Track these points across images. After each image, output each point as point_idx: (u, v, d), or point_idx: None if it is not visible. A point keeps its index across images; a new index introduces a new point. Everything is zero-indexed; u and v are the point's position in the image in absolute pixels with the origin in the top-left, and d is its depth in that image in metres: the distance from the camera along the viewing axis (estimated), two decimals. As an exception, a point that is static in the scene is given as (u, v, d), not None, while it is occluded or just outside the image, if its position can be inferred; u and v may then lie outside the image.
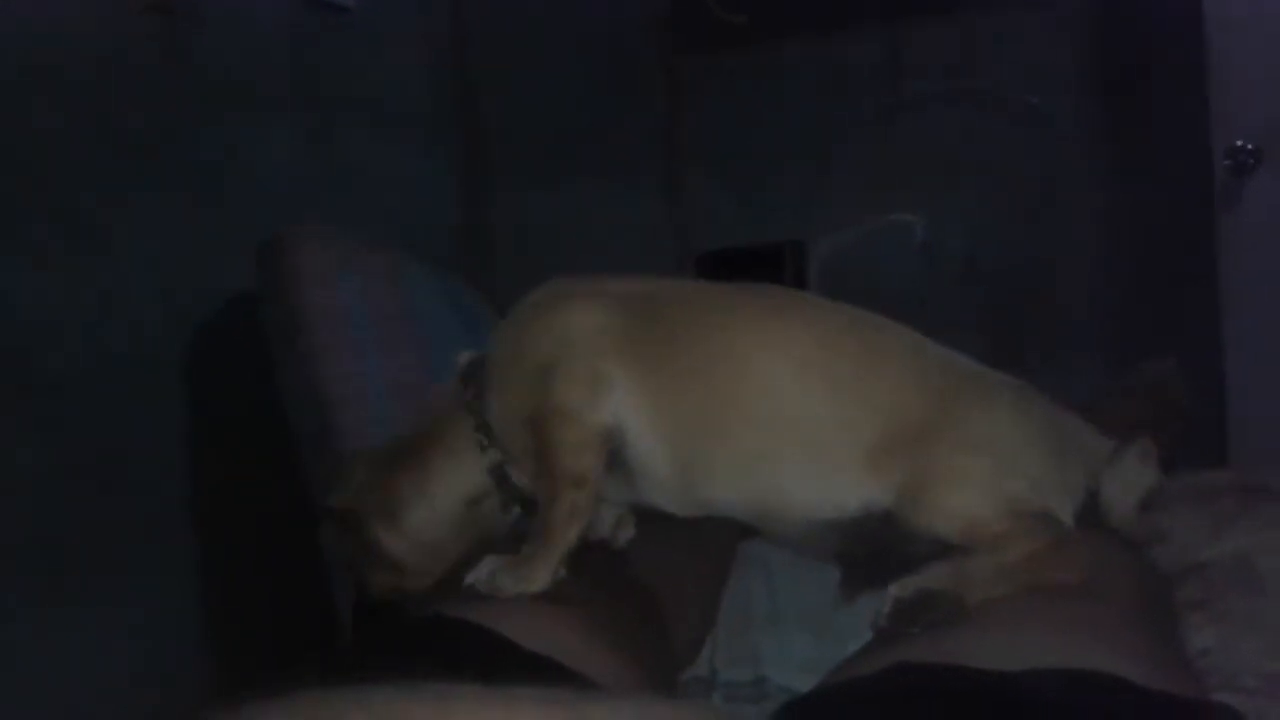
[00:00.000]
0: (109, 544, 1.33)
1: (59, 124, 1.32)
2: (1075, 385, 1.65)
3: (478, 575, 0.85)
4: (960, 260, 2.06)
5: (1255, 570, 1.03)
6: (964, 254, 2.06)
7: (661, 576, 0.97)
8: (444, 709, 0.28)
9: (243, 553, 1.51)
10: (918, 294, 1.94)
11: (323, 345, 1.32)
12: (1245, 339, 1.82)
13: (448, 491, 0.92)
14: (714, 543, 1.12)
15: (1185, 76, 1.86)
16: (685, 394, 0.87)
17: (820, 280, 2.01)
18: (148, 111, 1.44)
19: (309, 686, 0.30)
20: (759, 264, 2.00)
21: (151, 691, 1.35)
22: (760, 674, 1.07)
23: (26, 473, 1.25)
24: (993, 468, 0.83)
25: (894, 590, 0.77)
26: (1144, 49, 2.00)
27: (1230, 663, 0.90)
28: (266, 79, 1.67)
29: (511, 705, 0.29)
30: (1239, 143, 1.83)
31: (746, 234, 2.11)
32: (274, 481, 1.41)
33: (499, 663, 0.74)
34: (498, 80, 2.24)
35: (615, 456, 0.88)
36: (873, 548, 0.87)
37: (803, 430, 0.86)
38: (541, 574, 0.84)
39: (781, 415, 0.87)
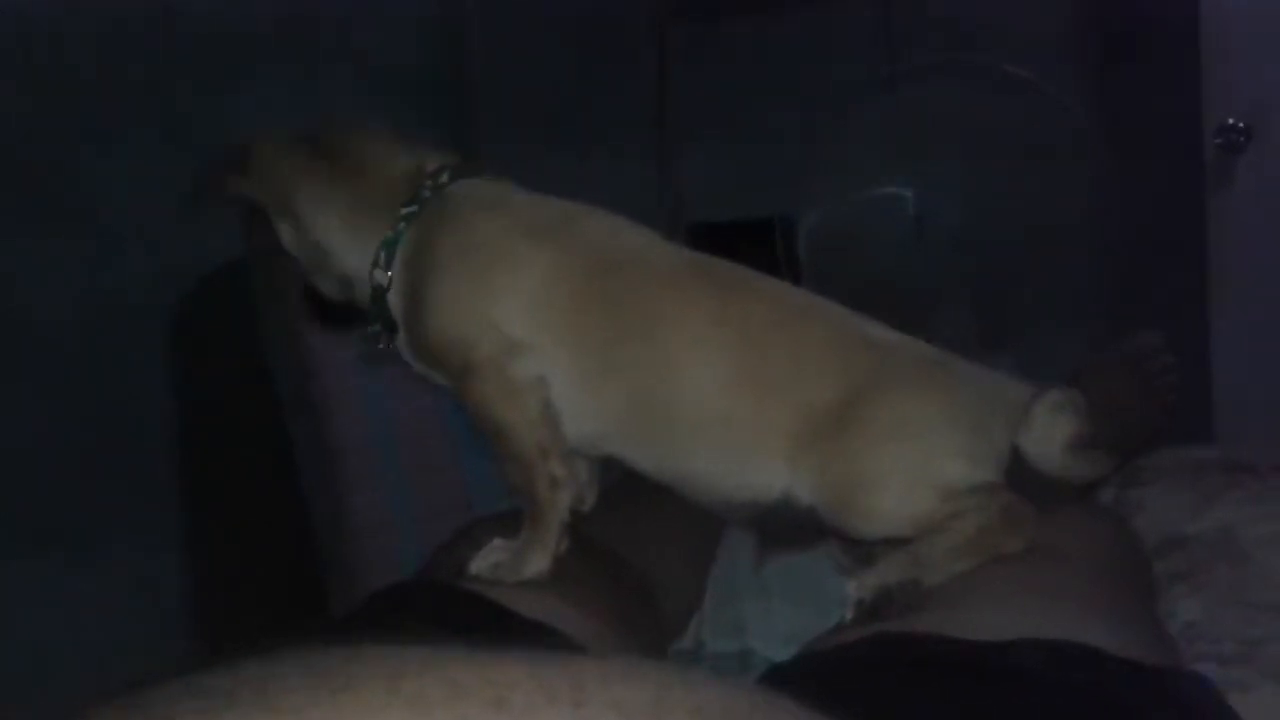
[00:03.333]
0: (98, 507, 1.33)
1: (50, 84, 1.31)
2: (1062, 358, 1.66)
3: (480, 566, 0.83)
4: (950, 232, 2.05)
5: (1238, 543, 1.04)
6: (954, 226, 2.06)
7: (649, 550, 0.98)
8: (436, 664, 0.29)
9: (230, 514, 1.51)
10: (908, 266, 1.94)
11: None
12: (1232, 316, 1.82)
13: (335, 253, 0.90)
14: (702, 516, 1.13)
15: (1177, 54, 1.85)
16: (610, 362, 0.85)
17: (810, 253, 2.01)
18: (137, 70, 1.42)
19: (301, 645, 0.30)
20: (750, 237, 2.00)
21: (139, 650, 1.35)
22: (747, 646, 1.08)
23: (16, 436, 1.25)
24: (922, 454, 0.82)
25: (853, 592, 0.78)
26: (1136, 25, 1.99)
27: (1212, 632, 0.91)
28: (256, 37, 1.65)
29: (503, 664, 0.29)
30: (1230, 120, 1.83)
31: (737, 205, 2.10)
32: (261, 444, 1.41)
33: (494, 629, 0.74)
34: (488, 46, 2.22)
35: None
36: (797, 524, 0.86)
37: (719, 415, 0.84)
38: (541, 557, 0.83)
39: (698, 398, 0.84)
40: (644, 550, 0.97)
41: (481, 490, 1.29)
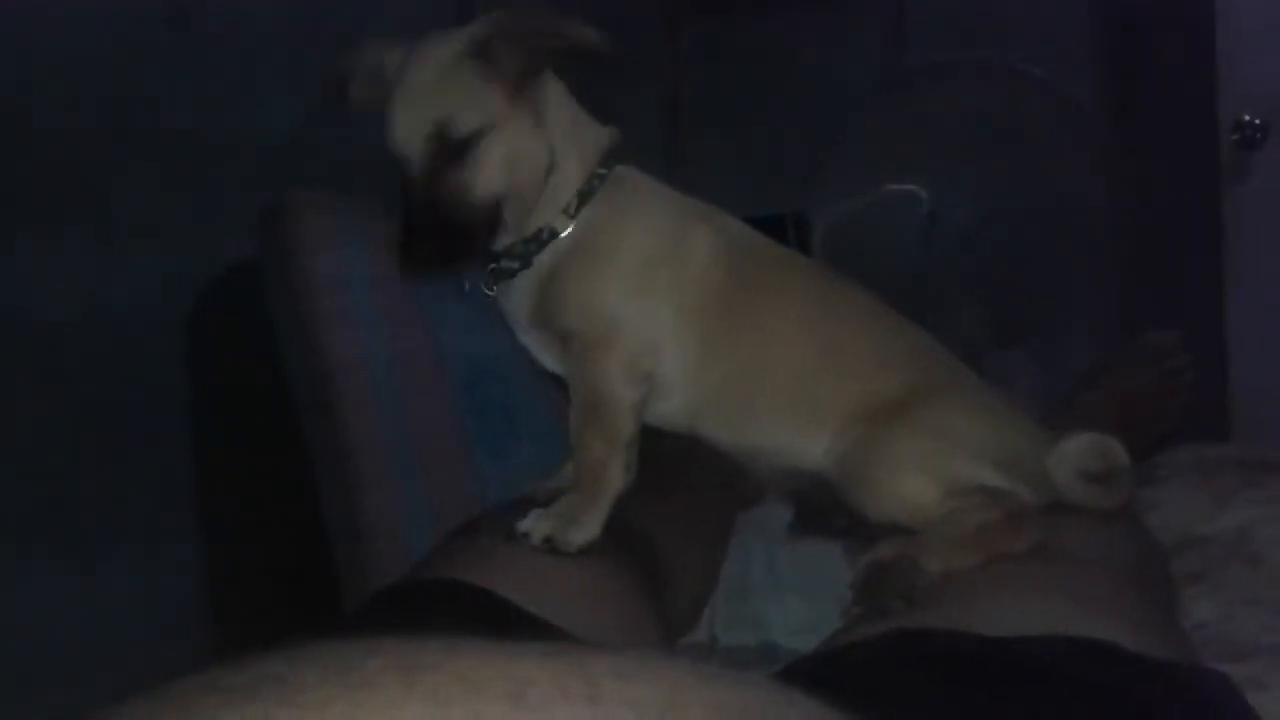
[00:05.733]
0: (108, 506, 1.34)
1: (59, 88, 1.31)
2: (1076, 355, 1.65)
3: (526, 528, 0.83)
4: (963, 230, 2.05)
5: (1254, 542, 1.03)
6: (967, 224, 2.05)
7: (658, 542, 0.98)
8: (451, 654, 0.29)
9: (242, 518, 1.52)
10: (921, 264, 1.93)
11: (323, 312, 1.32)
12: (1249, 313, 1.81)
13: (545, 174, 0.86)
14: (713, 509, 1.13)
15: (1193, 50, 1.84)
16: (716, 333, 0.88)
17: (823, 250, 2.00)
18: (150, 75, 1.43)
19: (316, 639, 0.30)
20: (762, 233, 1.99)
21: (150, 648, 1.36)
22: (769, 639, 1.08)
23: (27, 435, 1.25)
24: (943, 450, 0.85)
25: (850, 577, 0.81)
26: (1151, 21, 1.98)
27: (1228, 635, 0.91)
28: (266, 38, 1.66)
29: (519, 659, 0.29)
30: (1246, 116, 1.82)
31: (749, 203, 2.09)
32: (275, 446, 1.42)
33: (499, 625, 0.74)
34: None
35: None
36: (826, 499, 0.91)
37: (802, 393, 0.89)
38: (594, 526, 0.83)
39: (788, 376, 0.89)
40: (653, 543, 0.97)
41: (494, 491, 1.29)
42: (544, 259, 0.87)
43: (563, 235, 0.86)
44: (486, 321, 0.99)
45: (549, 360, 0.92)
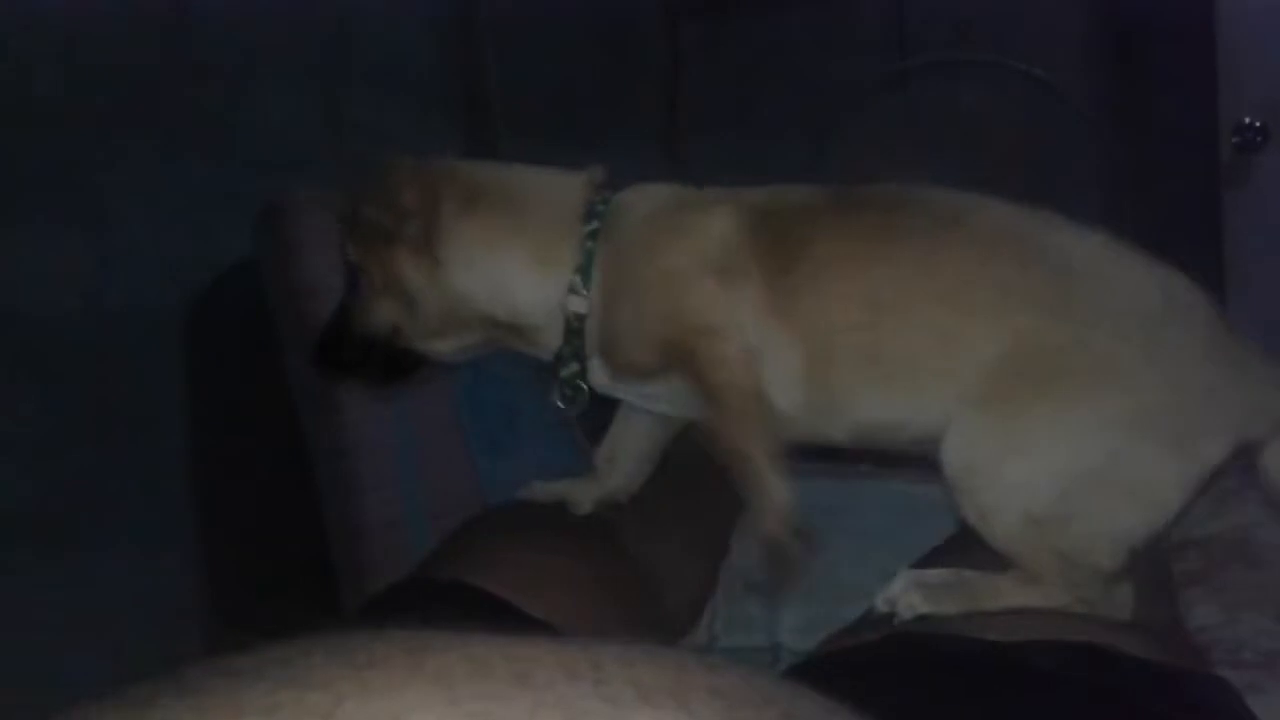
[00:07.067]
0: (106, 504, 1.33)
1: (60, 83, 1.31)
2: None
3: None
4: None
5: (1255, 545, 1.03)
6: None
7: (657, 544, 0.97)
8: (459, 643, 0.29)
9: (241, 517, 1.52)
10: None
11: (323, 310, 1.31)
12: (1249, 315, 1.81)
13: (513, 294, 0.83)
14: (710, 511, 1.13)
15: (1193, 52, 1.84)
16: (820, 301, 0.78)
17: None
18: (149, 71, 1.42)
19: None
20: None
21: (148, 648, 1.36)
22: (770, 640, 1.08)
23: (24, 432, 1.25)
24: (1077, 474, 0.70)
25: (897, 587, 0.74)
26: (1152, 22, 1.98)
27: (1230, 637, 0.91)
28: (268, 37, 1.65)
29: (525, 644, 0.30)
30: (1246, 120, 1.82)
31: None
32: (273, 445, 1.41)
33: (498, 625, 0.74)
34: (500, 43, 2.22)
35: None
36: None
37: (920, 365, 0.75)
38: (776, 482, 0.77)
39: (905, 346, 0.76)
40: (651, 544, 0.97)
41: (494, 488, 1.29)
42: (591, 335, 0.84)
43: (588, 313, 0.83)
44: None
45: (664, 405, 0.86)
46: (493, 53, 2.23)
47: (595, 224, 0.83)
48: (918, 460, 0.79)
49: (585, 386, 0.85)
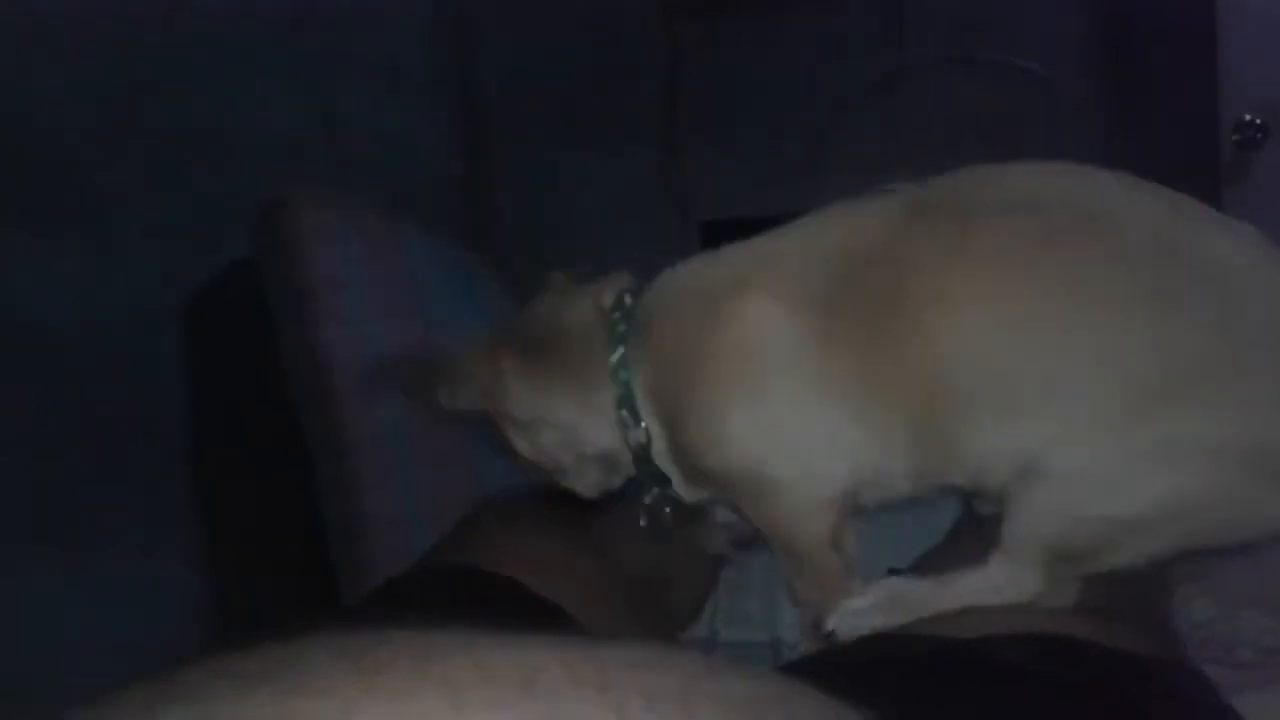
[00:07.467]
0: (106, 504, 1.33)
1: (55, 85, 1.31)
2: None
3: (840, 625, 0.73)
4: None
5: (1253, 543, 1.03)
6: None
7: (658, 543, 0.98)
8: (465, 647, 0.29)
9: (242, 516, 1.52)
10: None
11: (322, 309, 1.31)
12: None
13: (585, 439, 0.81)
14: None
15: (1194, 49, 1.84)
16: (931, 345, 0.68)
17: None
18: (148, 71, 1.43)
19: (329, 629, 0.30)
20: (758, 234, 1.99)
21: (149, 649, 1.36)
22: (770, 636, 1.08)
23: (25, 435, 1.25)
24: (1183, 498, 0.64)
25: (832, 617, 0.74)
26: (1152, 20, 1.98)
27: (1227, 635, 0.91)
28: (265, 36, 1.65)
29: (531, 648, 0.30)
30: (1247, 117, 1.82)
31: (746, 201, 2.10)
32: (273, 444, 1.41)
33: (509, 608, 0.74)
34: (497, 42, 2.22)
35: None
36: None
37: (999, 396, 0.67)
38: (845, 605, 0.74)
39: (978, 376, 0.68)
40: (656, 543, 0.97)
41: (494, 486, 1.29)
42: (660, 455, 0.80)
43: (649, 440, 0.79)
44: (484, 318, 0.98)
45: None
46: (491, 52, 2.24)
47: (621, 351, 0.77)
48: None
49: (668, 511, 0.82)
